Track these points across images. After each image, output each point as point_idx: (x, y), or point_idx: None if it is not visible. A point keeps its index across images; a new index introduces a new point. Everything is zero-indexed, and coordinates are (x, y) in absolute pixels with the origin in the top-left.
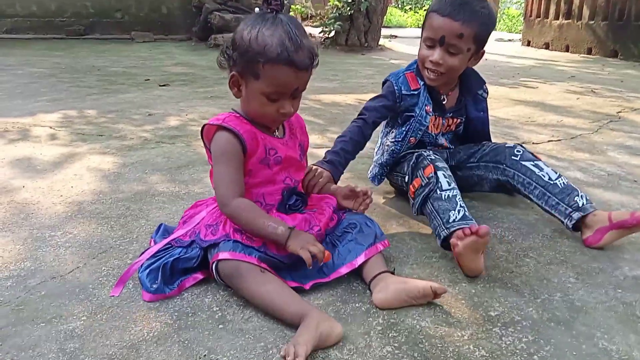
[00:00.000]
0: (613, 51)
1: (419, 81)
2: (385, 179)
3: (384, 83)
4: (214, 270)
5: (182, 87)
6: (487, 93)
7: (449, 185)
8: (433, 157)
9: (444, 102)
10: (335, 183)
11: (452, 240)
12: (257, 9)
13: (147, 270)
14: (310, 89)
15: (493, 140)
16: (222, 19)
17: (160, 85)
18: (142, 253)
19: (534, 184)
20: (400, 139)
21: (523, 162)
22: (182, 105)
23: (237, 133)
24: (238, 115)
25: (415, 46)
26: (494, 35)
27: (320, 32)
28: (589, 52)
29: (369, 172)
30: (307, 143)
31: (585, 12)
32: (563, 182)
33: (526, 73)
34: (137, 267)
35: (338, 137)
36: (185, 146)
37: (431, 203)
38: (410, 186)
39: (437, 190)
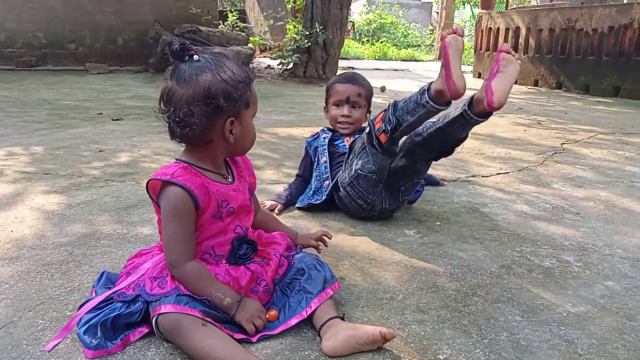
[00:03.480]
0: (558, 83)
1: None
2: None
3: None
4: (154, 325)
5: (136, 121)
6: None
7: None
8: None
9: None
10: None
11: (443, 33)
12: (187, 59)
13: (86, 327)
14: (267, 122)
15: (445, 172)
16: None
17: (113, 120)
18: (82, 305)
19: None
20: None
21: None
22: (135, 140)
23: (189, 189)
24: (186, 165)
25: (372, 77)
26: None
27: (278, 64)
28: (536, 83)
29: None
30: (255, 184)
31: (531, 46)
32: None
33: None
34: (76, 321)
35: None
36: (135, 184)
37: (400, 105)
38: (376, 123)
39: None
